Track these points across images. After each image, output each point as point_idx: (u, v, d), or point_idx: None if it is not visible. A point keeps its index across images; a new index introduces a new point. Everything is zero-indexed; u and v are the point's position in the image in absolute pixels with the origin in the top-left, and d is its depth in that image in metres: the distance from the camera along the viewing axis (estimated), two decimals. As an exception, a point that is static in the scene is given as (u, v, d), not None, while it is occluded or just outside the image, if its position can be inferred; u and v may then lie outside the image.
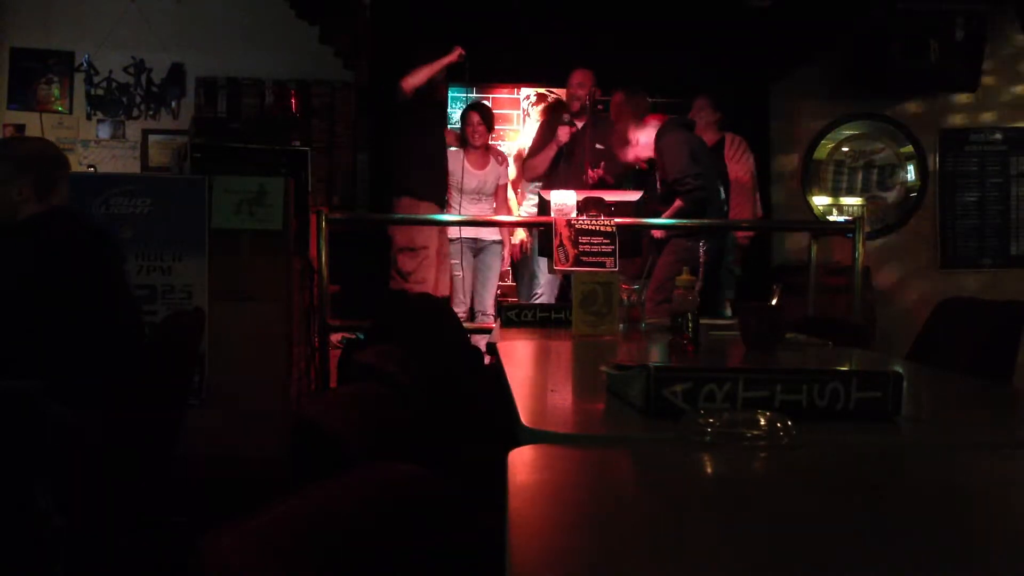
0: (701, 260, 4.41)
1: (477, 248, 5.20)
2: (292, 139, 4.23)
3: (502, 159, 5.35)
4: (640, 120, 4.77)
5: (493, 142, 5.48)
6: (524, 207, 5.49)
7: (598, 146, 4.95)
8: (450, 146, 5.20)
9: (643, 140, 4.67)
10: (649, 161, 4.79)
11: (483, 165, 5.18)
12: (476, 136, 5.13)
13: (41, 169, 2.55)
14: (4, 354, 2.31)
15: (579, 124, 5.02)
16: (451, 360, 2.77)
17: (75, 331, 2.39)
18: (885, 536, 0.81)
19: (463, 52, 4.83)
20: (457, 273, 5.09)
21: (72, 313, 2.39)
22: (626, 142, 4.77)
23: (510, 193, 5.53)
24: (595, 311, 2.65)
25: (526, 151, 5.44)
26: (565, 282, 4.99)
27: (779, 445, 1.10)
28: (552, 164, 5.02)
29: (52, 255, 2.42)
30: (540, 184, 5.01)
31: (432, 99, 4.93)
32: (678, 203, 4.44)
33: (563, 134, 4.99)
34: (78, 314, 2.41)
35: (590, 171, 4.86)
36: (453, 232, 5.06)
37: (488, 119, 5.23)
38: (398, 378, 1.73)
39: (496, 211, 5.26)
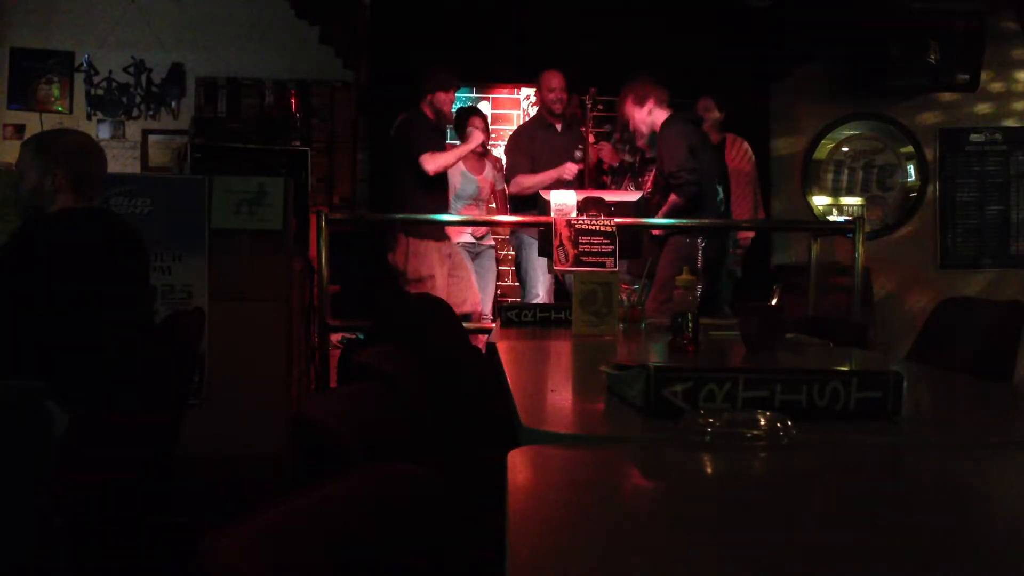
0: (699, 257, 4.41)
1: (475, 252, 5.18)
2: (292, 139, 4.23)
3: (498, 164, 5.33)
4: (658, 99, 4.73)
5: (491, 144, 5.46)
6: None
7: (578, 154, 4.93)
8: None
9: (653, 116, 4.59)
10: (638, 156, 4.82)
11: (480, 170, 5.16)
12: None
13: (77, 162, 2.54)
14: (8, 351, 2.31)
15: (579, 153, 4.92)
16: (451, 360, 2.77)
17: (82, 332, 2.38)
18: (885, 536, 0.81)
19: (486, 140, 4.98)
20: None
21: (82, 315, 2.39)
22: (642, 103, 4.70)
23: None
24: (595, 311, 2.65)
25: (509, 159, 5.16)
26: (562, 284, 4.99)
27: (779, 445, 1.10)
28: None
29: (73, 255, 2.42)
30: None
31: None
32: (672, 197, 4.45)
33: (570, 171, 4.86)
34: (88, 316, 2.40)
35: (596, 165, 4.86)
36: (453, 237, 5.03)
37: (488, 125, 5.22)
38: (398, 378, 1.73)
39: (495, 213, 5.25)
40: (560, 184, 4.78)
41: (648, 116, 4.58)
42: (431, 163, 4.61)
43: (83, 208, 2.52)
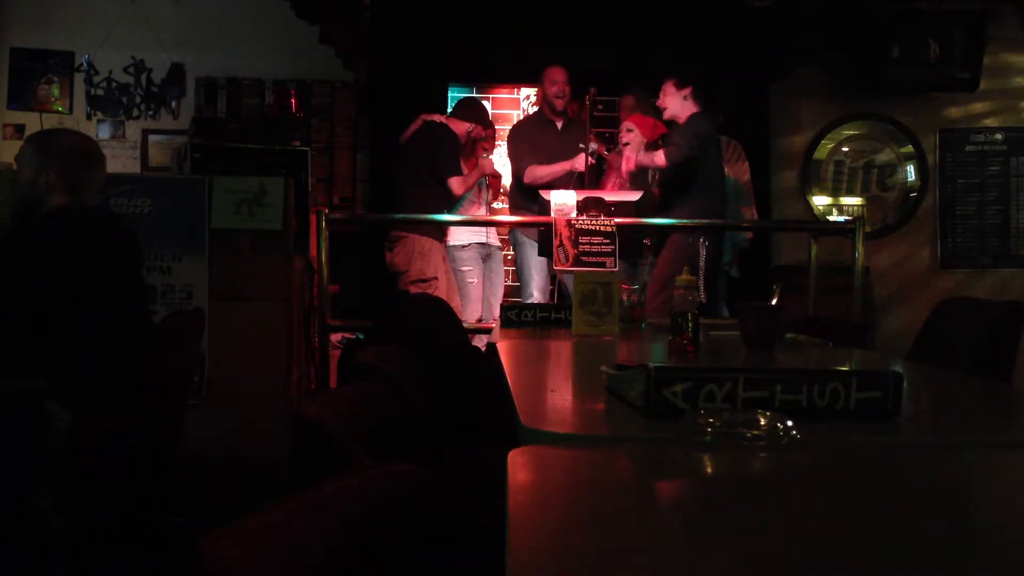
0: (702, 257, 4.42)
1: (486, 254, 5.16)
2: (292, 139, 4.23)
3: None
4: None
5: (490, 143, 5.44)
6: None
7: (594, 145, 4.92)
8: None
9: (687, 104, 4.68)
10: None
11: (472, 167, 5.15)
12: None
13: (70, 162, 2.54)
14: (7, 352, 2.31)
15: (597, 147, 4.93)
16: (451, 360, 2.77)
17: (81, 331, 2.38)
18: (885, 536, 0.81)
19: (497, 172, 5.22)
20: (472, 280, 4.99)
21: (80, 313, 2.39)
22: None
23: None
24: (595, 311, 2.65)
25: (513, 152, 5.17)
26: (558, 284, 4.98)
27: (779, 445, 1.10)
28: (556, 180, 4.86)
29: (67, 254, 2.41)
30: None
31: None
32: (658, 153, 4.44)
33: (580, 163, 4.83)
34: (86, 315, 2.40)
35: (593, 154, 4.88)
36: (462, 239, 5.01)
37: (487, 122, 5.22)
38: (398, 378, 1.73)
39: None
40: (567, 179, 4.79)
41: (682, 104, 4.65)
42: (460, 187, 4.80)
43: (76, 206, 2.52)
